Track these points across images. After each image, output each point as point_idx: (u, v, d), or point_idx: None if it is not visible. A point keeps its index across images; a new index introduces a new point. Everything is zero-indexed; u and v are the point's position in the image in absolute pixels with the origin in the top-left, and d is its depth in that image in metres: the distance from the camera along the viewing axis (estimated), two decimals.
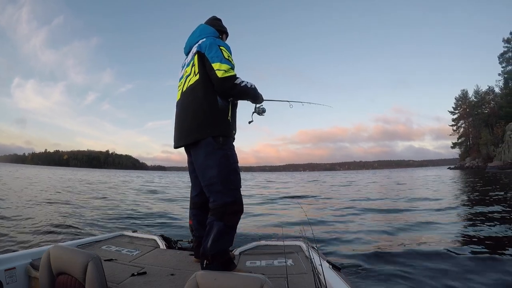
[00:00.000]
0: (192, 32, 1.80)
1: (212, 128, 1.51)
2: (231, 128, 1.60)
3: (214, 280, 0.92)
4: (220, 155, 1.50)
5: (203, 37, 1.68)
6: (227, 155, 1.52)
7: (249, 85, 1.62)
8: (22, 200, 8.09)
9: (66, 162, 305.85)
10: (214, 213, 1.48)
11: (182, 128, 1.62)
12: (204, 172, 1.53)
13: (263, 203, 9.48)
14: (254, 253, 2.02)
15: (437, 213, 6.49)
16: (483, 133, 50.36)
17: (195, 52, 1.61)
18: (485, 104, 55.57)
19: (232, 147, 1.59)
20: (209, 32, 1.73)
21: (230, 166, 1.52)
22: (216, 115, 1.53)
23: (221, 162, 1.50)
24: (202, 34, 1.72)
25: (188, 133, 1.57)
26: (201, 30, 1.76)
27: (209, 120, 1.52)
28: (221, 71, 1.50)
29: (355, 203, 8.91)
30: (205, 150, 1.51)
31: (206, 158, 1.52)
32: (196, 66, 1.59)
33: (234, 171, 1.54)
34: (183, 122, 1.62)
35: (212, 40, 1.60)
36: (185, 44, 1.83)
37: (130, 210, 7.14)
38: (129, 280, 1.44)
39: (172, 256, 1.93)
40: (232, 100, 1.62)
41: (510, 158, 40.38)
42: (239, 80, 1.55)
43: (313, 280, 1.09)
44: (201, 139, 1.52)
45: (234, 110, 1.67)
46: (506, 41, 51.00)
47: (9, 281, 1.39)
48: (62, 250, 1.24)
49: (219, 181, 1.49)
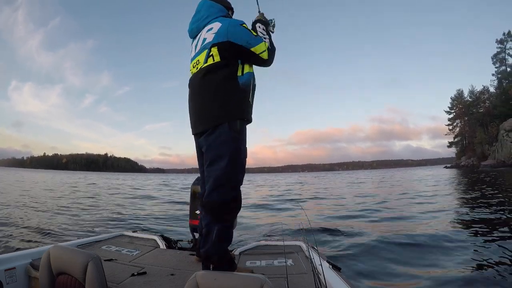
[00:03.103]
0: (195, 11, 1.64)
1: (230, 111, 1.41)
2: (251, 111, 1.52)
3: (214, 280, 0.92)
4: (232, 148, 1.41)
5: (212, 19, 1.54)
6: (240, 150, 1.44)
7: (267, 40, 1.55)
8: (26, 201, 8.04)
9: (65, 166, 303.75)
10: (210, 212, 1.42)
11: (198, 113, 1.51)
12: (212, 161, 1.43)
13: (263, 203, 9.49)
14: (254, 253, 2.02)
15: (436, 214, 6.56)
16: (478, 132, 50.99)
17: (212, 44, 1.45)
18: (480, 103, 56.23)
19: (245, 137, 1.49)
20: (217, 10, 1.57)
21: (239, 162, 1.44)
22: (237, 94, 1.44)
23: (232, 157, 1.40)
24: (210, 15, 1.56)
25: (203, 118, 1.47)
26: (207, 9, 1.58)
27: (227, 101, 1.42)
28: (265, 52, 1.48)
29: (356, 203, 8.96)
30: (218, 138, 1.41)
31: (217, 147, 1.41)
32: (215, 56, 1.44)
33: (241, 168, 1.47)
34: (199, 105, 1.50)
35: (229, 23, 1.46)
36: (189, 25, 1.67)
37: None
38: (129, 280, 1.44)
39: (172, 256, 1.92)
40: (253, 81, 1.54)
41: (503, 157, 41.31)
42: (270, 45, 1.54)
43: (313, 280, 1.09)
44: (217, 125, 1.41)
45: (254, 91, 1.57)
46: (499, 41, 51.82)
47: (9, 281, 1.39)
48: (62, 250, 1.24)
49: (226, 174, 1.40)
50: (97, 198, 10.56)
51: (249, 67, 1.53)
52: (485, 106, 54.54)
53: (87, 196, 11.20)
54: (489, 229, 4.46)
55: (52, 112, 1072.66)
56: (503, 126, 43.50)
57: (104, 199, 10.51)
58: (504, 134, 42.48)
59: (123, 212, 6.92)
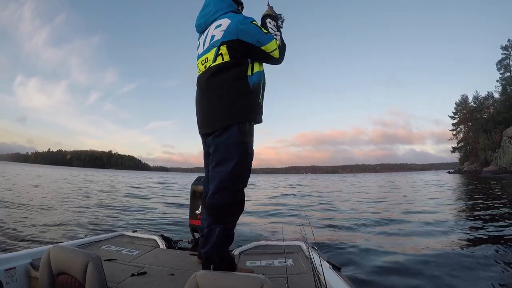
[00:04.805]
0: (203, 4, 1.58)
1: (239, 113, 1.38)
2: (261, 111, 1.49)
3: (214, 280, 0.92)
4: (240, 151, 1.37)
5: (221, 15, 1.48)
6: (247, 153, 1.41)
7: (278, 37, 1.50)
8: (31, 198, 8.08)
9: (69, 162, 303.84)
10: (212, 213, 1.41)
11: (206, 113, 1.47)
12: (219, 163, 1.40)
13: (263, 203, 9.47)
14: (254, 253, 2.02)
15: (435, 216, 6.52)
16: (481, 138, 50.63)
17: (221, 42, 1.40)
18: (484, 109, 55.89)
19: (253, 139, 1.45)
20: (226, 5, 1.50)
21: (246, 165, 1.41)
22: (247, 96, 1.40)
23: (239, 161, 1.37)
24: (218, 10, 1.49)
25: (210, 119, 1.44)
26: (216, 3, 1.51)
27: (235, 103, 1.38)
28: (276, 51, 1.44)
29: (357, 204, 8.92)
30: (227, 140, 1.37)
31: (225, 150, 1.38)
32: (225, 55, 1.40)
33: (247, 172, 1.44)
34: (207, 105, 1.47)
35: (238, 20, 1.39)
36: (196, 20, 1.61)
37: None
38: (129, 280, 1.44)
39: (172, 256, 1.92)
40: (263, 80, 1.51)
41: (505, 163, 41.14)
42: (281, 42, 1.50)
43: (313, 280, 1.09)
44: (224, 128, 1.37)
45: (264, 89, 1.53)
46: (504, 48, 51.44)
47: (9, 281, 1.38)
48: (62, 250, 1.24)
49: (230, 177, 1.37)
50: (97, 198, 10.60)
51: (259, 66, 1.50)
52: (489, 112, 54.20)
53: (85, 196, 11.23)
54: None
55: (57, 108, 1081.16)
56: (506, 133, 43.28)
57: (106, 197, 10.55)
58: (507, 141, 42.27)
59: (123, 212, 6.93)
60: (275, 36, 1.48)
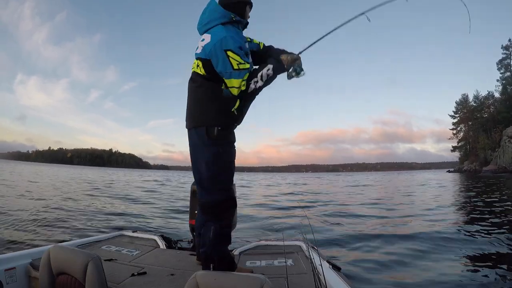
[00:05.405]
0: (204, 8, 1.57)
1: (208, 118, 1.43)
2: (232, 120, 1.50)
3: (214, 280, 0.92)
4: (211, 151, 1.42)
5: (211, 27, 1.46)
6: (219, 153, 1.43)
7: (260, 84, 1.44)
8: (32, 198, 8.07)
9: (69, 160, 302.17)
10: (206, 211, 1.46)
11: (188, 111, 1.56)
12: (195, 164, 1.49)
13: (263, 202, 9.48)
14: (254, 253, 2.03)
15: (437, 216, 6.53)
16: (481, 138, 50.64)
17: (198, 57, 1.47)
18: (484, 109, 55.87)
19: (228, 142, 1.49)
20: (219, 16, 1.46)
21: (220, 165, 1.44)
22: (217, 104, 1.44)
23: (210, 160, 1.42)
24: (210, 21, 1.48)
25: (189, 117, 1.53)
26: (210, 13, 1.50)
27: (206, 109, 1.44)
28: (235, 89, 1.40)
29: (357, 204, 8.93)
30: (197, 141, 1.45)
31: (197, 150, 1.47)
32: (201, 68, 1.46)
33: (225, 171, 1.47)
34: (188, 104, 1.56)
35: (216, 42, 1.37)
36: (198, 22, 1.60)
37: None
38: (129, 280, 1.45)
39: (172, 256, 1.93)
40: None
41: (504, 163, 41.14)
42: (252, 87, 1.43)
43: (313, 280, 1.09)
44: (195, 127, 1.46)
45: (248, 101, 1.53)
46: (505, 47, 51.31)
47: (9, 281, 1.39)
48: (62, 250, 1.24)
49: (208, 178, 1.44)
50: (96, 197, 10.60)
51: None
52: (489, 112, 54.16)
53: (86, 195, 11.24)
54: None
55: (57, 106, 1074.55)
56: (506, 132, 43.27)
57: (106, 196, 10.56)
58: (507, 140, 42.25)
59: (123, 212, 6.94)
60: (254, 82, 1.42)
